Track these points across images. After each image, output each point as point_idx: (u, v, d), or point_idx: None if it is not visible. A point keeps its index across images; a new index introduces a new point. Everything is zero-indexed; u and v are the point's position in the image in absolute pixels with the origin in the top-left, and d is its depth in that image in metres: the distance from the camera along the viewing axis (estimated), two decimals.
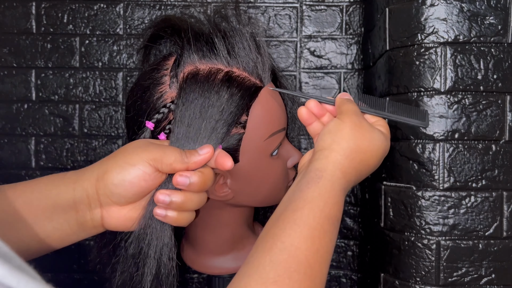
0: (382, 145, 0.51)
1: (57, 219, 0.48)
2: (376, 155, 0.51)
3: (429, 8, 0.70)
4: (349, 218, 1.06)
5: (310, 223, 0.43)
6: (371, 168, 0.52)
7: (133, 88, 0.59)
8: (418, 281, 0.71)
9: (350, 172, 0.49)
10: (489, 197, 0.70)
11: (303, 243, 0.41)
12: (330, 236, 0.44)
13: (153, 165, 0.48)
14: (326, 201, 0.45)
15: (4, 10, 1.04)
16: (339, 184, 0.47)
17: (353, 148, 0.49)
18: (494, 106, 0.70)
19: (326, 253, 0.43)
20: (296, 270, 0.40)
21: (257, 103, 0.58)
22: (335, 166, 0.47)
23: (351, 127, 0.49)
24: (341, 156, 0.48)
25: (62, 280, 1.07)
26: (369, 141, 0.50)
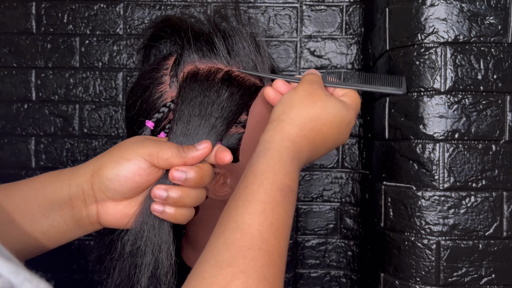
0: (339, 114, 0.48)
1: (53, 216, 0.48)
2: (330, 124, 0.47)
3: (429, 8, 0.70)
4: (349, 218, 1.06)
5: (261, 198, 0.42)
6: (328, 138, 0.48)
7: (133, 88, 0.59)
8: (418, 281, 0.71)
9: (300, 142, 0.46)
10: (489, 197, 0.70)
11: (255, 219, 0.41)
12: (284, 207, 0.42)
13: (148, 160, 0.47)
14: (276, 172, 0.43)
15: (4, 10, 1.04)
16: (288, 154, 0.45)
17: (302, 116, 0.46)
18: (494, 106, 0.70)
19: (282, 225, 0.42)
20: (251, 248, 0.39)
21: (257, 102, 0.58)
22: (282, 136, 0.45)
23: (302, 95, 0.47)
24: (289, 126, 0.46)
25: (62, 280, 1.07)
26: (321, 109, 0.47)
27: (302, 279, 1.08)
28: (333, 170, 1.07)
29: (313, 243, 1.07)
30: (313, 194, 1.07)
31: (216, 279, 0.37)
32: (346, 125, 0.49)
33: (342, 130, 0.49)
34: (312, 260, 1.08)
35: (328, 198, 1.07)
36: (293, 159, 0.45)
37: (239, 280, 0.37)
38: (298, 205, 1.07)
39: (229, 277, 0.37)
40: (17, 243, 0.48)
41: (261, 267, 0.38)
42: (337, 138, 0.49)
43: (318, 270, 1.08)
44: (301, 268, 1.08)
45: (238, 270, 0.37)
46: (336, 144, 0.50)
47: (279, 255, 0.40)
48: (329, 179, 1.07)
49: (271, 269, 0.39)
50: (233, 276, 0.37)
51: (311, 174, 1.07)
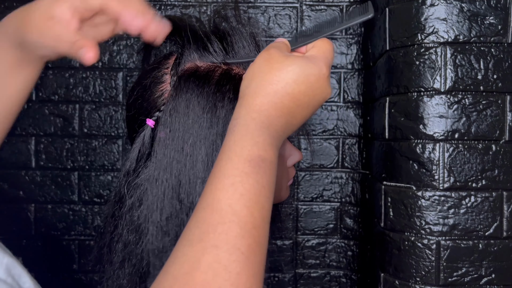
0: (302, 69, 0.45)
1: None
2: (294, 82, 0.45)
3: (429, 8, 0.70)
4: (349, 218, 1.06)
5: (229, 172, 0.41)
6: (299, 97, 0.45)
7: (134, 87, 0.59)
8: (418, 281, 0.71)
9: (267, 109, 0.44)
10: (489, 197, 0.70)
11: (224, 193, 0.40)
12: (255, 178, 0.41)
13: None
14: (243, 145, 0.42)
15: (4, 10, 1.04)
16: (255, 124, 0.43)
17: (262, 84, 0.45)
18: (494, 106, 0.70)
19: (254, 196, 0.41)
20: (220, 222, 0.39)
21: None
22: (247, 109, 0.45)
23: (259, 64, 0.46)
24: (251, 98, 0.45)
25: (62, 280, 1.07)
26: (279, 71, 0.45)
27: (302, 279, 1.08)
28: (333, 170, 1.07)
29: (313, 243, 1.07)
30: (313, 194, 1.07)
31: (187, 257, 0.37)
32: (315, 78, 0.46)
33: (312, 84, 0.46)
34: (312, 260, 1.08)
35: (328, 198, 1.07)
36: (261, 128, 0.44)
37: (209, 254, 0.37)
38: (298, 205, 1.08)
39: (199, 253, 0.37)
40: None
41: (233, 238, 0.38)
42: (310, 94, 0.46)
43: (318, 270, 1.08)
44: (301, 268, 1.08)
45: (209, 244, 0.37)
46: (314, 100, 0.47)
47: (253, 226, 0.40)
48: (329, 179, 1.07)
49: (244, 240, 0.38)
50: (204, 251, 0.37)
51: (311, 174, 1.07)
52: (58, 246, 1.07)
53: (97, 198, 1.07)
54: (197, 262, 0.36)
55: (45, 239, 1.06)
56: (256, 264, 0.39)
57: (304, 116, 0.47)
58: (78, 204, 1.07)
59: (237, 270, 0.37)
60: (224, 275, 0.36)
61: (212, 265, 0.36)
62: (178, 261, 0.38)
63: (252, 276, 0.38)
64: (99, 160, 1.07)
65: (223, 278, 0.36)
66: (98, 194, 1.07)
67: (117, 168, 1.07)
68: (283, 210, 0.78)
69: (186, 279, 0.36)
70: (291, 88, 0.45)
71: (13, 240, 1.06)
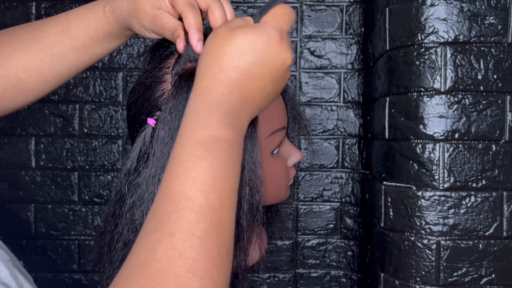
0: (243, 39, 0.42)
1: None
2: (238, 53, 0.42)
3: (429, 8, 0.70)
4: (349, 218, 1.06)
5: (180, 158, 0.41)
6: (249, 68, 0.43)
7: (134, 86, 0.59)
8: (418, 281, 0.71)
9: (215, 87, 0.42)
10: (489, 197, 0.70)
11: (177, 180, 0.40)
12: (209, 160, 0.40)
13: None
14: (192, 128, 0.41)
15: (4, 10, 1.04)
16: (204, 106, 0.42)
17: (207, 63, 0.43)
18: (494, 106, 0.70)
19: (208, 178, 0.40)
20: (174, 209, 0.38)
21: None
22: (196, 92, 0.43)
23: (206, 46, 0.45)
24: (199, 80, 0.44)
25: (62, 280, 1.07)
26: (222, 46, 0.43)
27: (302, 279, 1.08)
28: (333, 170, 1.07)
29: (313, 243, 1.08)
30: (313, 194, 1.07)
31: (143, 247, 0.37)
32: (263, 45, 0.43)
33: (261, 52, 0.43)
34: (312, 260, 1.08)
35: (328, 198, 1.07)
36: (211, 108, 0.42)
37: (164, 242, 0.36)
38: (298, 205, 1.08)
39: (154, 242, 0.37)
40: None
41: (188, 224, 0.38)
42: (261, 63, 0.43)
43: (318, 270, 1.08)
44: (301, 268, 1.08)
45: (163, 233, 0.37)
46: (269, 68, 0.44)
47: (210, 209, 0.39)
48: (329, 179, 1.07)
49: (200, 225, 0.38)
50: (159, 240, 0.37)
51: (311, 174, 1.07)
52: (58, 246, 1.07)
53: (97, 198, 1.07)
54: (152, 252, 0.36)
55: (45, 239, 1.06)
56: (215, 247, 0.38)
57: (263, 87, 0.44)
58: (78, 204, 1.07)
59: (193, 256, 0.36)
60: (179, 262, 0.36)
61: (167, 253, 0.36)
62: (135, 251, 0.38)
63: (211, 260, 0.37)
64: (99, 160, 1.07)
65: (178, 265, 0.35)
66: (98, 194, 1.07)
67: (117, 168, 1.07)
68: (283, 210, 0.78)
69: (142, 268, 0.36)
70: (237, 61, 0.42)
71: (13, 240, 1.06)
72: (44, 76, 0.57)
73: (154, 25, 0.52)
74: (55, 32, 0.56)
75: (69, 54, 0.56)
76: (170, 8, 0.52)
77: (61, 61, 0.57)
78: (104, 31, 0.56)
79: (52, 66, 0.56)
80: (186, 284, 0.35)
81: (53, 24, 0.57)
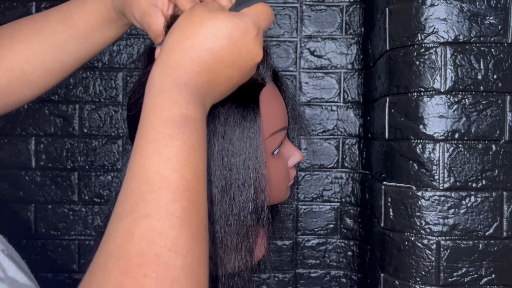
0: (221, 23, 0.42)
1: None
2: (213, 35, 0.41)
3: (429, 8, 0.70)
4: (349, 218, 1.06)
5: (152, 137, 0.39)
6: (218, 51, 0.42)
7: (135, 87, 0.59)
8: (418, 281, 0.71)
9: (183, 64, 0.41)
10: (489, 197, 0.70)
11: (149, 160, 0.38)
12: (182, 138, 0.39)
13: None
14: (161, 105, 0.40)
15: (4, 10, 1.04)
16: (171, 82, 0.40)
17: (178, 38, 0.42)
18: (494, 106, 0.70)
19: (182, 157, 0.38)
20: (149, 190, 0.37)
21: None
22: (161, 66, 0.41)
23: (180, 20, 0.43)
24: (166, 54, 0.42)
25: (62, 280, 1.07)
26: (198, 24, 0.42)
27: (302, 279, 1.08)
28: (333, 170, 1.07)
29: (313, 243, 1.08)
30: (313, 194, 1.07)
31: (119, 231, 0.36)
32: (240, 35, 0.42)
33: (236, 40, 0.42)
34: (312, 260, 1.08)
35: (328, 198, 1.07)
36: (178, 85, 0.40)
37: (141, 224, 0.35)
38: (298, 205, 1.08)
39: (131, 225, 0.35)
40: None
41: (165, 204, 0.36)
42: (233, 51, 0.42)
43: (318, 270, 1.08)
44: (301, 268, 1.08)
45: (140, 215, 0.36)
46: (240, 59, 0.43)
47: (186, 188, 0.38)
48: (329, 179, 1.07)
49: (177, 204, 0.37)
50: (135, 222, 0.35)
51: (311, 174, 1.07)
52: (58, 246, 1.07)
53: (97, 198, 1.07)
54: (130, 234, 0.35)
55: (45, 239, 1.06)
56: (195, 226, 0.37)
57: (230, 76, 0.44)
58: (78, 204, 1.07)
59: (173, 235, 0.35)
60: (159, 242, 0.35)
61: (146, 234, 0.35)
62: (110, 237, 0.36)
63: (192, 238, 0.37)
64: (99, 160, 1.07)
65: (159, 245, 0.35)
66: (98, 194, 1.07)
67: (117, 168, 1.07)
68: (283, 210, 0.78)
69: (120, 252, 0.35)
70: (210, 43, 0.41)
71: (13, 240, 1.06)
72: (47, 66, 0.57)
73: (142, 20, 0.51)
74: (56, 21, 0.56)
75: (70, 42, 0.56)
76: (166, 5, 0.50)
77: (63, 51, 0.57)
78: (103, 17, 0.56)
79: (55, 57, 0.56)
80: (169, 263, 0.35)
81: (54, 13, 0.57)
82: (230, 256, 0.63)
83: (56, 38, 0.56)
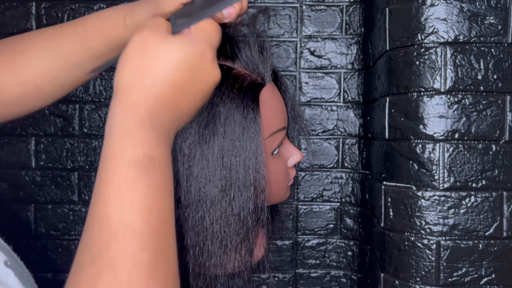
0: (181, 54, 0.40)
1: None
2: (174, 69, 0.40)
3: (429, 8, 0.70)
4: (349, 218, 1.06)
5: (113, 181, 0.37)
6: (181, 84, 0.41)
7: None
8: (418, 281, 0.71)
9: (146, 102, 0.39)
10: (489, 197, 0.70)
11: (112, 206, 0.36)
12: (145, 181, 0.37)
13: None
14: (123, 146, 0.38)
15: (4, 10, 1.04)
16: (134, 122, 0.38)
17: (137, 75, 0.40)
18: (494, 106, 0.70)
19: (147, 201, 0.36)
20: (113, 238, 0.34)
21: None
22: (122, 105, 0.39)
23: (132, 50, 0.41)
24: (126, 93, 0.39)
25: (62, 280, 1.07)
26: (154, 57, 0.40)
27: (302, 279, 1.08)
28: (333, 170, 1.07)
29: (313, 243, 1.08)
30: (313, 194, 1.07)
31: (82, 283, 0.33)
32: (198, 62, 0.41)
33: (195, 69, 0.41)
34: (312, 260, 1.08)
35: (328, 198, 1.07)
36: (142, 124, 0.38)
37: (106, 275, 0.32)
38: (298, 205, 1.08)
39: (94, 276, 0.33)
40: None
41: (131, 254, 0.34)
42: (195, 80, 0.41)
43: (318, 270, 1.08)
44: (301, 268, 1.08)
45: (104, 266, 0.33)
46: (201, 85, 0.42)
47: (153, 234, 0.35)
48: (329, 179, 1.07)
49: (145, 252, 0.34)
50: (99, 273, 0.33)
51: (311, 174, 1.07)
52: (58, 246, 1.07)
53: None
54: (94, 286, 0.32)
55: (45, 239, 1.06)
56: (163, 274, 0.35)
57: (193, 104, 0.43)
58: (78, 204, 1.07)
59: (142, 286, 0.33)
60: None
61: (111, 286, 0.32)
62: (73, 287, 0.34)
63: (164, 285, 0.34)
64: (99, 160, 1.07)
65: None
66: None
67: None
68: (283, 210, 0.78)
69: None
70: (172, 76, 0.40)
71: (13, 240, 1.06)
72: (62, 81, 0.57)
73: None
74: (73, 41, 0.55)
75: (88, 62, 0.56)
76: None
77: (80, 68, 0.56)
78: (125, 43, 0.57)
79: (71, 73, 0.56)
80: None
81: (70, 33, 0.55)
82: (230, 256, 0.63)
83: (73, 57, 0.55)
